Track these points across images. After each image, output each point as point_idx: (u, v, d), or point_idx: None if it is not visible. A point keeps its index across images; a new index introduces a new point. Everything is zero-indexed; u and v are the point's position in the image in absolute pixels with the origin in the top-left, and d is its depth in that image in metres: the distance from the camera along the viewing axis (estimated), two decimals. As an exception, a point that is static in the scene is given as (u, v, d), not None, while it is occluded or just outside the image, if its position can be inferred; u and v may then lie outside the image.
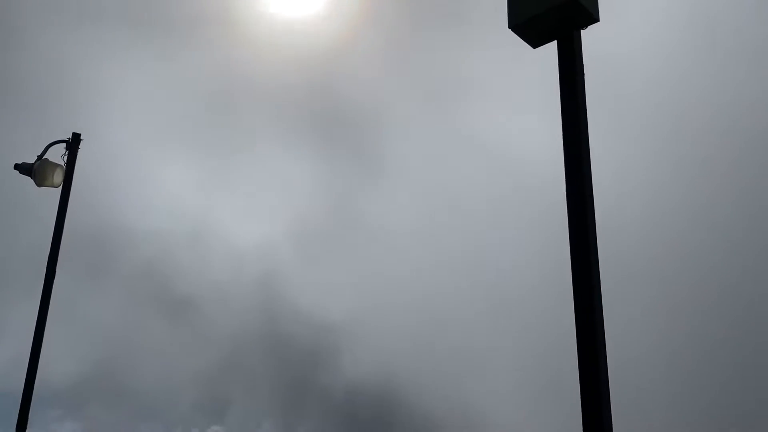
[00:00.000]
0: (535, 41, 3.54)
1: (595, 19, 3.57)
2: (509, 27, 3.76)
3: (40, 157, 9.03)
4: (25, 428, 8.15)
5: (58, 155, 9.26)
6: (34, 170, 8.92)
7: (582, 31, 3.49)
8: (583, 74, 3.07)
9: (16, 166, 9.10)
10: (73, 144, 9.14)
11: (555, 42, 3.43)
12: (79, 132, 9.37)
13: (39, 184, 8.94)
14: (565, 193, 3.10)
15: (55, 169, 8.90)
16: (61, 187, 8.98)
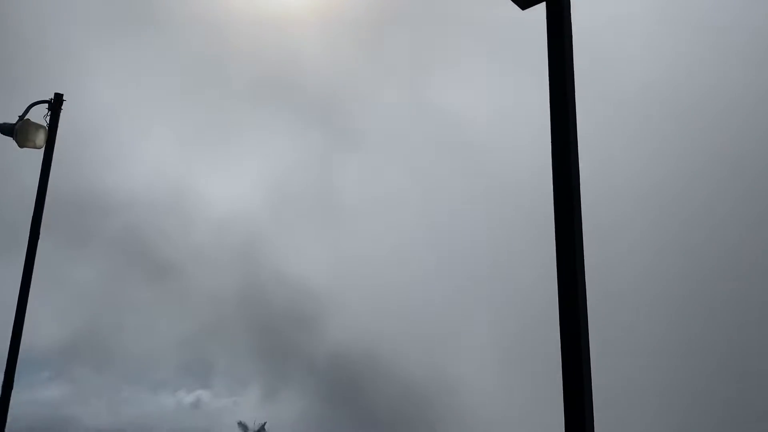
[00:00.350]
0: (523, 2, 3.47)
1: None
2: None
3: (21, 118, 8.90)
4: (11, 389, 8.19)
5: (40, 116, 9.13)
6: (16, 131, 8.79)
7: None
8: (572, 38, 3.03)
9: (-3, 126, 8.96)
10: (55, 105, 9.00)
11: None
12: (61, 93, 9.22)
13: (21, 144, 8.83)
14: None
15: (38, 130, 8.78)
16: (43, 148, 8.87)
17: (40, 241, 8.40)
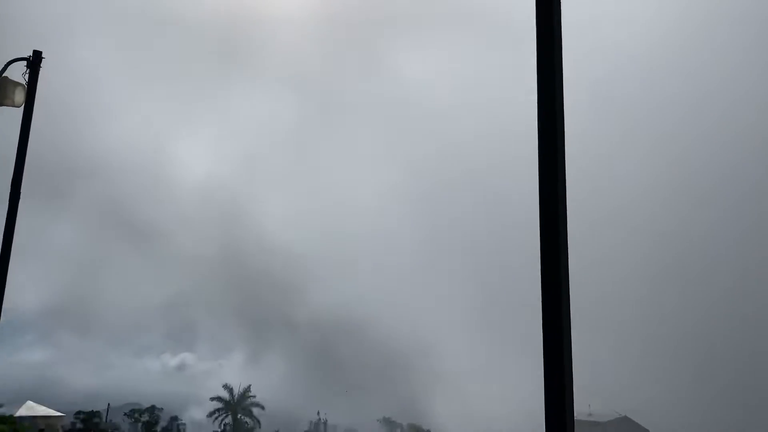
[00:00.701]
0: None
1: None
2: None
3: (-1, 74, 8.69)
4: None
5: (19, 75, 8.92)
6: (-6, 88, 8.58)
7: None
8: (560, 13, 2.96)
9: (-25, 84, 8.74)
10: (34, 62, 8.78)
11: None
12: (40, 50, 9.00)
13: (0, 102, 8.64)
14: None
15: (16, 87, 8.59)
16: (23, 107, 8.69)
17: (20, 202, 8.29)
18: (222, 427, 60.46)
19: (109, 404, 59.72)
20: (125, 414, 60.60)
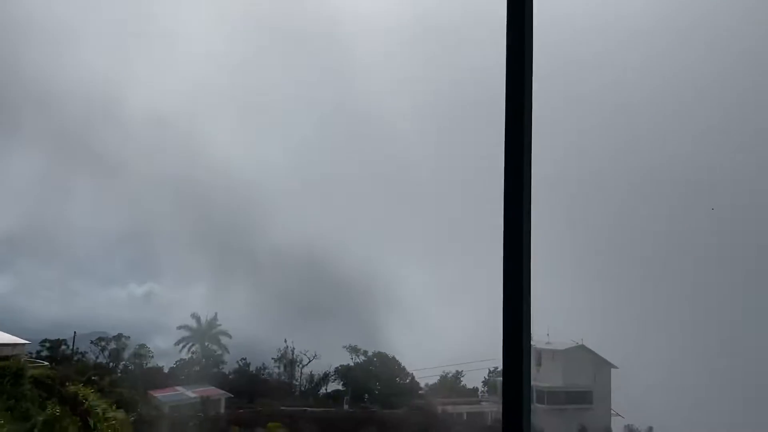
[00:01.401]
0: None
1: None
2: None
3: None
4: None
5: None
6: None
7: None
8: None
9: None
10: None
11: None
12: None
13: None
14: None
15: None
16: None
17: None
18: (190, 355, 61.43)
19: (75, 332, 59.86)
20: (92, 342, 60.92)
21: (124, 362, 62.63)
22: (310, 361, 63.85)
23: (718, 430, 56.99)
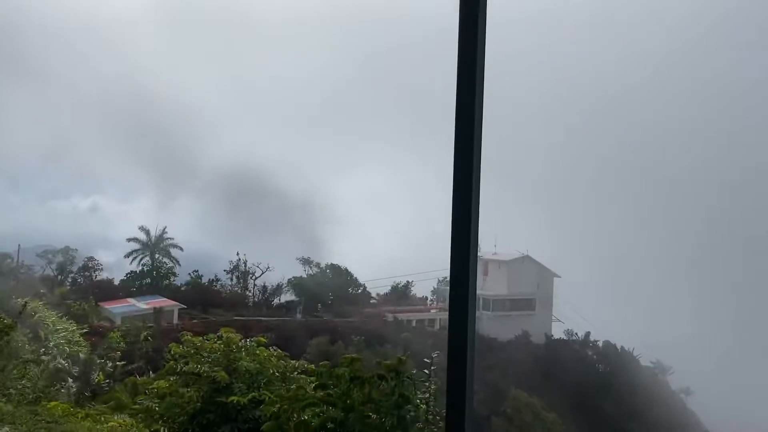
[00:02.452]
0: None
1: None
2: None
3: None
4: None
5: None
6: None
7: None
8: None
9: None
10: None
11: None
12: None
13: None
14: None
15: None
16: None
17: None
18: (141, 268, 61.09)
19: (19, 245, 58.50)
20: (37, 255, 59.75)
21: (72, 275, 61.94)
22: (263, 273, 64.52)
23: (648, 333, 61.09)
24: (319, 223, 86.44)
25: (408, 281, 73.48)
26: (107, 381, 17.98)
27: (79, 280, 61.12)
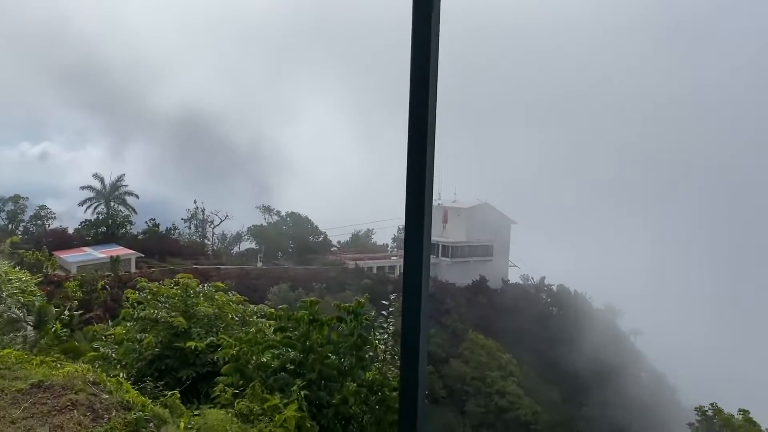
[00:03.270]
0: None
1: None
2: None
3: None
4: None
5: None
6: None
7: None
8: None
9: None
10: None
11: None
12: None
13: None
14: None
15: None
16: None
17: None
18: (96, 216, 59.71)
19: (-35, 194, 56.46)
20: (-15, 204, 57.89)
21: (24, 224, 60.27)
22: (221, 221, 63.88)
23: (601, 278, 63.15)
24: (270, 172, 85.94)
25: (368, 229, 73.95)
26: (64, 330, 17.76)
27: (31, 229, 59.54)
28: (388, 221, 66.76)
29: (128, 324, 10.46)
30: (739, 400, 25.08)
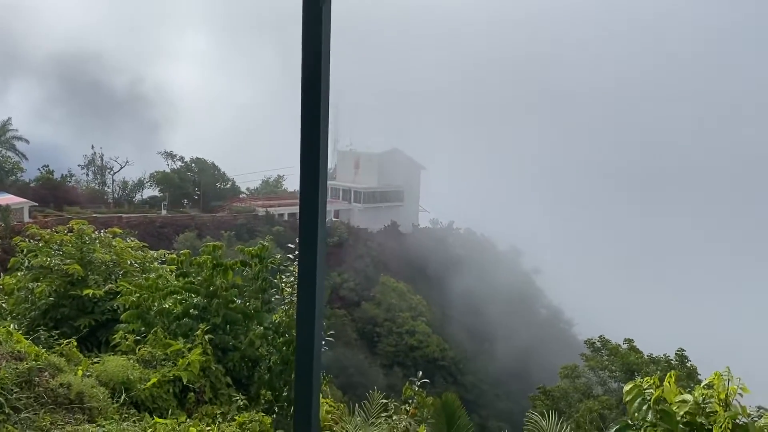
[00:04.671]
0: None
1: None
2: None
3: None
4: None
5: None
6: None
7: None
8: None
9: None
10: None
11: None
12: None
13: None
14: None
15: None
16: None
17: None
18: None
19: None
20: None
21: None
22: (122, 168, 60.91)
23: (505, 221, 65.81)
24: (155, 113, 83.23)
25: (279, 175, 72.88)
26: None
27: None
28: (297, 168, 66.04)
29: (19, 274, 9.92)
30: (625, 330, 27.31)
